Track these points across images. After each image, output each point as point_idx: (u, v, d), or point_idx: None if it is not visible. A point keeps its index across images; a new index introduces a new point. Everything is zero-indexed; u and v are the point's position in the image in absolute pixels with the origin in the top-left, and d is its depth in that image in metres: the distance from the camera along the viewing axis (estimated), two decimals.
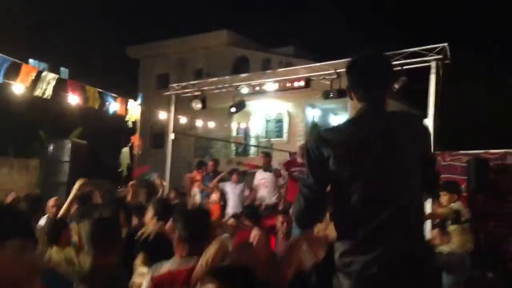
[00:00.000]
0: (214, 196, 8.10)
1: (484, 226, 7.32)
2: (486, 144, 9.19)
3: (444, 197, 5.32)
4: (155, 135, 21.74)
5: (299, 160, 7.43)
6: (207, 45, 22.64)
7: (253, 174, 8.67)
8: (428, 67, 6.72)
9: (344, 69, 7.87)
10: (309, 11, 39.15)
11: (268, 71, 9.28)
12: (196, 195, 8.51)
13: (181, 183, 10.55)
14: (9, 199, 6.50)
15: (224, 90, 9.84)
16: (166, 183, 8.94)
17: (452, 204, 5.30)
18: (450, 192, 5.34)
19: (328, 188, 2.08)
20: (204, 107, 9.79)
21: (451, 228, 5.26)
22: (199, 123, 15.65)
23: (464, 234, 5.24)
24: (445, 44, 6.54)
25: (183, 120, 11.35)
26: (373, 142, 1.99)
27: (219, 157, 20.76)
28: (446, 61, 6.59)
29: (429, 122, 6.58)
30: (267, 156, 8.53)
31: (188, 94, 10.38)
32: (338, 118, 21.68)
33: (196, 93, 10.06)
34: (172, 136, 10.55)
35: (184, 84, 10.65)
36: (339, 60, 8.06)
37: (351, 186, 1.98)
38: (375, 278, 1.92)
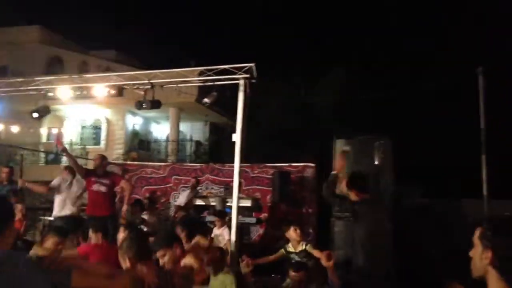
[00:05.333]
0: None
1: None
2: (289, 158, 10.13)
3: None
4: None
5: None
6: (14, 41, 20.28)
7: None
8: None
9: (159, 80, 7.87)
10: (136, 17, 38.29)
11: (78, 76, 8.64)
12: None
13: None
14: None
15: (28, 92, 8.81)
16: None
17: None
18: None
19: None
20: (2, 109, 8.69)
21: None
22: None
23: None
24: (252, 64, 6.93)
25: None
26: None
27: (26, 165, 18.83)
28: (253, 80, 6.99)
29: (237, 136, 6.88)
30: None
31: None
32: (160, 127, 21.56)
33: None
34: None
35: None
36: (154, 70, 7.95)
37: None
38: None
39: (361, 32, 24.69)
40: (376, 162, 6.29)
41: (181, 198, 9.40)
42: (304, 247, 5.40)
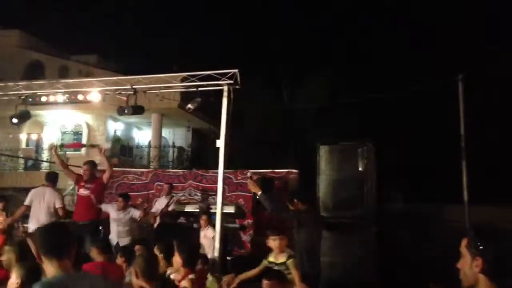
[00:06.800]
0: None
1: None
2: (272, 165, 10.12)
3: None
4: None
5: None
6: None
7: None
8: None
9: (142, 86, 7.80)
10: (118, 21, 38.03)
11: (59, 81, 8.50)
12: None
13: None
14: None
15: (6, 97, 8.64)
16: None
17: None
18: None
19: None
20: None
21: None
22: None
23: None
24: (236, 70, 6.92)
25: None
26: None
27: (3, 171, 18.48)
28: (237, 86, 6.98)
29: (221, 143, 6.86)
30: None
31: None
32: (142, 133, 21.37)
33: None
34: None
35: None
36: (136, 76, 7.88)
37: None
38: None
39: (343, 36, 24.99)
40: (360, 168, 6.33)
41: (157, 205, 9.30)
42: (285, 260, 4.94)
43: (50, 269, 2.21)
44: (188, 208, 9.29)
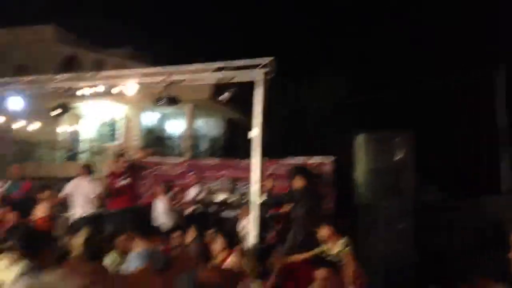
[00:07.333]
0: None
1: None
2: (307, 154, 10.06)
3: None
4: None
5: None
6: (30, 40, 20.50)
7: None
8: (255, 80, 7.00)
9: (176, 77, 7.86)
10: (150, 13, 38.45)
11: (95, 73, 8.67)
12: None
13: None
14: None
15: (44, 91, 8.88)
16: None
17: None
18: None
19: None
20: (22, 107, 8.77)
21: None
22: (18, 124, 14.11)
23: None
24: (271, 58, 6.87)
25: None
26: None
27: (45, 161, 19.09)
28: (272, 75, 6.94)
29: (256, 132, 6.86)
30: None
31: (5, 92, 9.14)
32: (175, 123, 21.62)
33: (13, 92, 8.93)
34: None
35: None
36: (172, 66, 7.94)
37: None
38: None
39: (380, 23, 24.38)
40: (397, 158, 6.21)
41: (190, 195, 9.47)
42: (340, 249, 4.75)
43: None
44: (221, 198, 9.41)
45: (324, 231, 4.92)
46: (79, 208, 7.78)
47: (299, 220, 5.81)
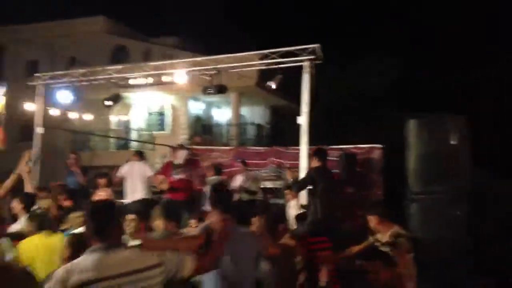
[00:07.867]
0: None
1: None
2: (356, 140, 9.92)
3: None
4: (27, 127, 19.93)
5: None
6: (80, 32, 21.20)
7: None
8: (302, 66, 6.99)
9: (224, 65, 7.96)
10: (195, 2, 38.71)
11: (146, 64, 8.92)
12: None
13: (55, 178, 9.82)
14: None
15: (96, 82, 9.22)
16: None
17: None
18: None
19: None
20: (76, 99, 9.16)
21: None
22: (73, 115, 14.73)
23: None
24: (317, 45, 6.84)
25: (56, 111, 10.61)
26: None
27: (98, 150, 19.88)
28: (318, 61, 6.90)
29: (303, 119, 6.86)
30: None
31: (59, 85, 9.58)
32: (221, 112, 21.88)
33: (67, 84, 9.34)
34: (40, 130, 9.67)
35: (51, 73, 9.74)
36: (220, 55, 8.04)
37: None
38: None
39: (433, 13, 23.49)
40: (452, 142, 6.02)
41: (236, 182, 9.56)
42: (392, 239, 4.44)
43: None
44: (268, 184, 9.45)
45: (371, 221, 4.66)
46: (133, 191, 7.97)
47: (317, 198, 6.08)
